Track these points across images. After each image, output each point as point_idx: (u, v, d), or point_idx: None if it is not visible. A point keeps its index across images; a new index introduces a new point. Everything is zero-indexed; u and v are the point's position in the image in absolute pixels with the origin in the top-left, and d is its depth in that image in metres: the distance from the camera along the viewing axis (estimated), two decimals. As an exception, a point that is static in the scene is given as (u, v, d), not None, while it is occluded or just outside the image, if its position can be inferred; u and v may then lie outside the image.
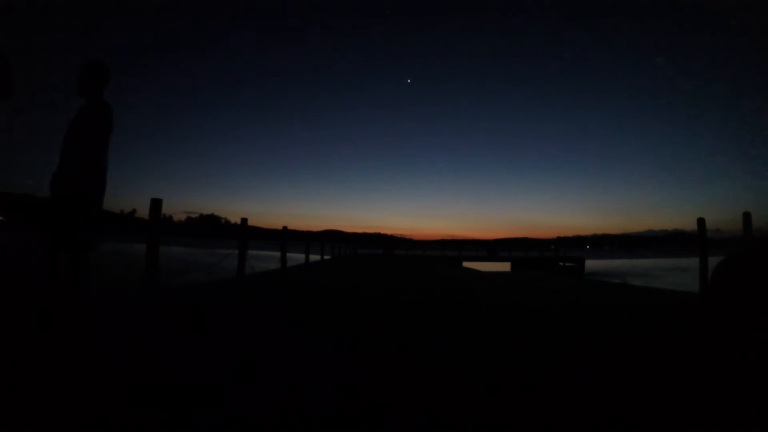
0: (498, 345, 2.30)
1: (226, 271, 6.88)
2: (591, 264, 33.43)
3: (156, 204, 4.35)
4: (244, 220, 7.57)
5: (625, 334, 2.65)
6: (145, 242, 4.27)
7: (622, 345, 2.34)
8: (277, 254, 10.20)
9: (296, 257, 12.41)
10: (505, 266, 28.10)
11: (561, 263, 30.55)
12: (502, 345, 2.30)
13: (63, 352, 1.88)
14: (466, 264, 24.84)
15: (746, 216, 5.49)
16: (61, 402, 1.30)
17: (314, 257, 14.83)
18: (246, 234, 7.33)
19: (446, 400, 1.40)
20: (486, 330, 2.74)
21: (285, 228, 10.58)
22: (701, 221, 6.07)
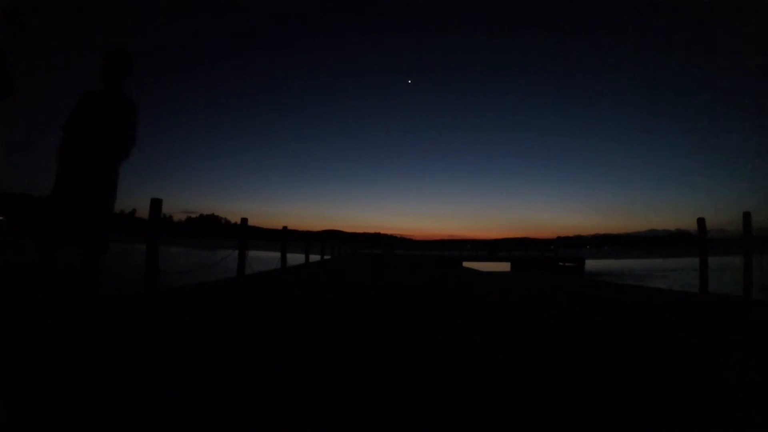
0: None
1: (226, 271, 6.89)
2: (591, 264, 33.45)
3: (156, 204, 4.35)
4: (244, 220, 7.58)
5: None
6: (144, 242, 4.27)
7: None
8: (277, 254, 10.21)
9: (296, 257, 12.42)
10: (505, 266, 28.14)
11: (561, 263, 30.60)
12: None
13: (62, 352, 1.88)
14: (466, 264, 24.86)
15: (746, 216, 5.48)
16: (60, 402, 1.30)
17: (314, 257, 14.85)
18: (246, 234, 7.34)
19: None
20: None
21: (285, 228, 10.60)
22: (701, 221, 6.08)
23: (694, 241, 6.32)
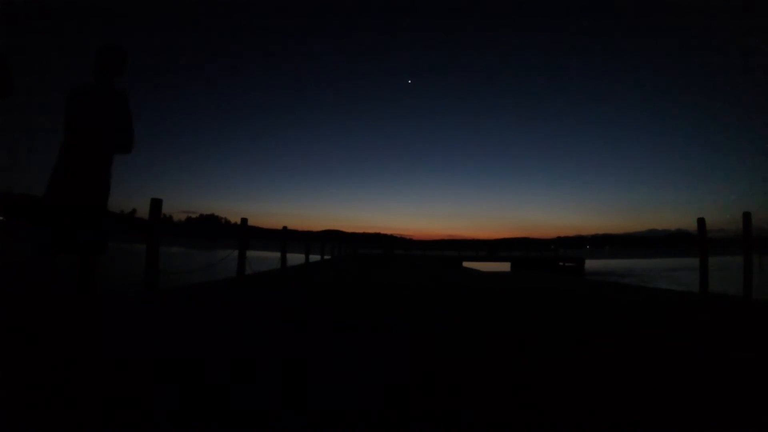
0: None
1: (226, 271, 6.88)
2: (591, 264, 33.44)
3: (156, 204, 4.36)
4: (244, 220, 7.58)
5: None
6: (144, 242, 4.27)
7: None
8: (277, 254, 10.21)
9: (296, 257, 12.41)
10: (505, 266, 28.14)
11: (561, 263, 30.60)
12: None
13: (61, 352, 1.88)
14: (466, 264, 24.87)
15: (746, 216, 5.49)
16: (60, 403, 1.30)
17: (314, 257, 14.85)
18: (246, 234, 7.35)
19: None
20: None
21: (285, 228, 10.60)
22: (701, 221, 6.08)
23: (694, 241, 6.32)
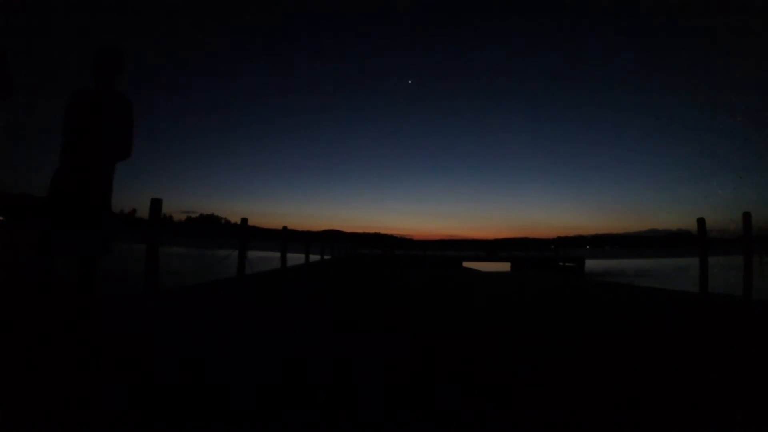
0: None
1: (226, 271, 6.89)
2: (591, 264, 33.41)
3: (156, 204, 4.36)
4: (244, 220, 7.58)
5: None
6: (144, 242, 4.27)
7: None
8: (277, 254, 10.22)
9: (296, 257, 12.41)
10: (505, 266, 28.13)
11: (561, 263, 30.57)
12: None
13: (62, 352, 1.88)
14: (466, 264, 24.87)
15: (746, 216, 5.48)
16: (62, 402, 1.29)
17: (314, 257, 14.85)
18: (246, 234, 7.34)
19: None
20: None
21: (285, 228, 10.60)
22: (701, 221, 6.08)
23: (695, 241, 6.32)
